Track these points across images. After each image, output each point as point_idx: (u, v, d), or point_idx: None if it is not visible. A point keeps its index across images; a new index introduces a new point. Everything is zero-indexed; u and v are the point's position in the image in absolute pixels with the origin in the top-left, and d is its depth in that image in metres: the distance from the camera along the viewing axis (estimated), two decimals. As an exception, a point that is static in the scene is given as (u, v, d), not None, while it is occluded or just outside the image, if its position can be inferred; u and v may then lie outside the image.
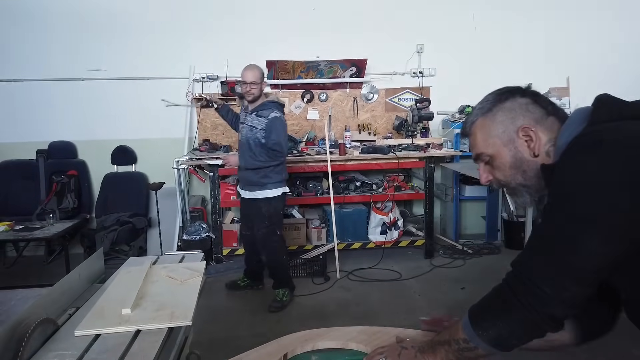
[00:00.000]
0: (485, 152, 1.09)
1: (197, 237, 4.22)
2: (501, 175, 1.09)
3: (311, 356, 1.20)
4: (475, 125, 1.10)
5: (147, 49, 4.74)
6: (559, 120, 1.05)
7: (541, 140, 1.03)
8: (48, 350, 1.26)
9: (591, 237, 0.85)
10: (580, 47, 5.09)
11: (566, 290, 0.88)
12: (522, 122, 1.04)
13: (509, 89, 1.10)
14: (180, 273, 1.76)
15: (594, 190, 0.86)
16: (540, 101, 1.07)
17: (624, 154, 0.86)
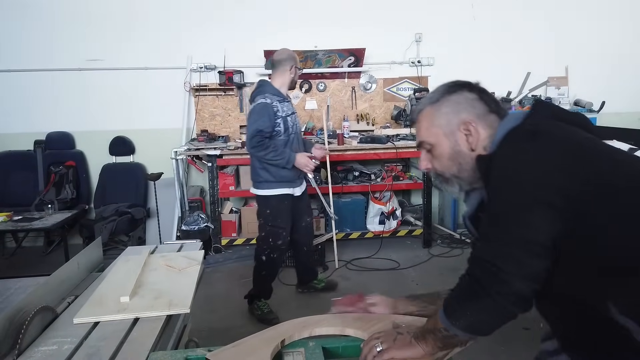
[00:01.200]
0: (427, 140, 1.13)
1: (196, 227, 4.22)
2: (438, 165, 1.14)
3: (308, 342, 1.21)
4: (422, 113, 1.15)
5: (145, 38, 4.70)
6: (500, 119, 1.10)
7: (480, 136, 1.08)
8: (47, 337, 1.27)
9: (535, 214, 0.91)
10: (579, 36, 5.07)
11: (525, 265, 0.90)
12: (465, 116, 1.09)
13: (459, 83, 1.14)
14: (179, 262, 1.77)
15: (533, 173, 0.93)
16: (486, 98, 1.12)
17: (558, 144, 0.95)
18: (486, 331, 0.99)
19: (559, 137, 0.97)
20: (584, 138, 1.00)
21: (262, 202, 3.21)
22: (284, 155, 3.06)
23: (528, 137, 0.97)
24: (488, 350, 2.56)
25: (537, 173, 0.92)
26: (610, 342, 0.93)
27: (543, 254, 0.91)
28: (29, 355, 1.17)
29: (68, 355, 1.17)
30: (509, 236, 0.93)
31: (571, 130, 1.01)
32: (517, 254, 0.91)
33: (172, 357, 1.14)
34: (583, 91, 5.05)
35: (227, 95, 4.84)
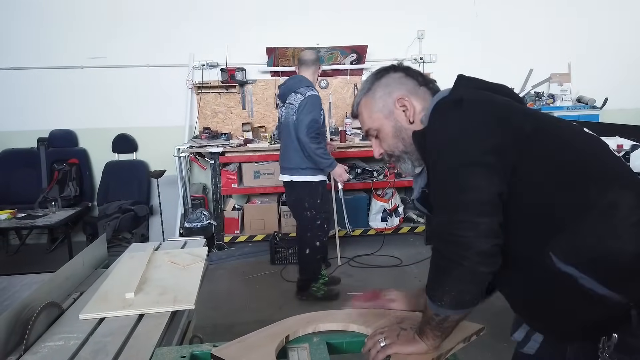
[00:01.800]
0: (372, 127, 1.20)
1: (199, 224, 4.24)
2: (386, 146, 1.20)
3: (313, 337, 1.21)
4: (360, 104, 1.22)
5: (147, 36, 4.71)
6: (430, 90, 1.18)
7: (416, 109, 1.15)
8: (53, 333, 1.28)
9: (475, 176, 0.94)
10: (582, 32, 5.06)
11: (478, 225, 0.92)
12: (397, 94, 1.16)
13: (384, 68, 1.21)
14: (183, 258, 1.78)
15: (463, 137, 0.97)
16: (412, 73, 1.19)
17: (482, 108, 1.02)
18: (471, 301, 0.99)
19: (481, 101, 1.03)
20: (506, 101, 1.06)
21: (309, 190, 3.25)
22: (330, 158, 3.22)
23: (453, 106, 1.02)
24: (490, 347, 2.57)
25: (467, 137, 0.97)
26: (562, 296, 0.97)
27: (491, 211, 0.93)
28: (35, 351, 1.18)
29: (74, 350, 1.18)
30: (455, 202, 0.95)
31: (493, 96, 1.07)
32: (467, 218, 0.93)
33: (178, 352, 1.15)
34: (586, 88, 5.04)
35: (230, 93, 4.84)
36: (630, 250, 0.90)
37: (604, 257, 0.91)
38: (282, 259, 4.06)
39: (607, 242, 0.90)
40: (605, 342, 0.97)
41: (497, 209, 0.94)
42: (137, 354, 1.15)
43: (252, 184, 4.44)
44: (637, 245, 0.90)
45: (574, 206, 0.94)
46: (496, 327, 1.41)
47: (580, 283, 0.92)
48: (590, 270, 0.91)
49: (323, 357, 1.12)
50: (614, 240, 0.90)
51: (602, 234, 0.91)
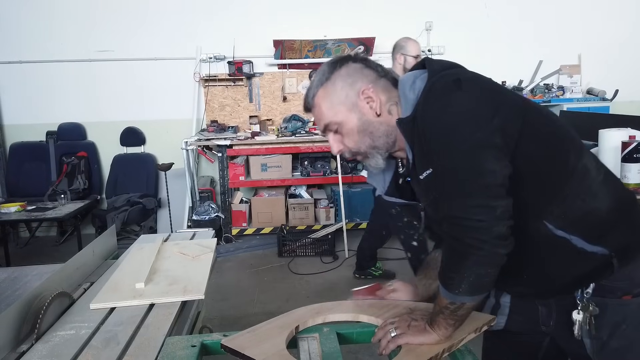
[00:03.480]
0: (334, 120, 1.09)
1: (207, 217, 4.25)
2: (351, 142, 1.10)
3: (323, 328, 1.21)
4: (317, 96, 1.10)
5: (155, 29, 4.71)
6: (390, 81, 1.10)
7: (381, 100, 1.07)
8: (64, 322, 1.29)
9: (487, 159, 0.93)
10: (592, 24, 4.99)
11: (495, 209, 0.92)
12: (361, 85, 1.07)
13: (341, 57, 1.12)
14: (192, 249, 1.78)
15: (471, 120, 0.94)
16: (371, 64, 1.11)
17: (480, 85, 1.00)
18: (488, 285, 1.00)
19: (476, 79, 1.01)
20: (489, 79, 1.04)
21: None
22: None
23: (453, 87, 0.97)
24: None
25: (474, 118, 0.94)
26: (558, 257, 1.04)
27: (504, 192, 0.94)
28: (47, 340, 1.19)
29: (86, 339, 1.19)
30: (469, 187, 0.93)
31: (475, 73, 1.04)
32: (483, 202, 0.92)
33: (188, 341, 1.15)
34: (596, 79, 4.98)
35: (237, 86, 4.84)
36: (605, 205, 1.01)
37: (586, 215, 1.00)
38: (289, 252, 4.06)
39: (587, 202, 1.00)
40: (583, 291, 1.05)
41: (508, 189, 0.94)
42: (148, 343, 1.16)
43: (259, 177, 4.44)
44: (608, 200, 1.01)
45: (559, 174, 1.00)
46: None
47: (574, 244, 1.00)
48: (577, 230, 1.00)
49: (333, 347, 1.12)
50: (591, 198, 1.00)
51: (583, 195, 1.00)
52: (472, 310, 1.06)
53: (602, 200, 1.01)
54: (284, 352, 1.08)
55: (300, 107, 4.88)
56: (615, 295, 1.05)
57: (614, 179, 1.09)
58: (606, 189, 1.02)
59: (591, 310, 1.04)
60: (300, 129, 4.51)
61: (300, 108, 4.88)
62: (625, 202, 1.06)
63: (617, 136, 2.37)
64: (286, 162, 4.44)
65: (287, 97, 4.90)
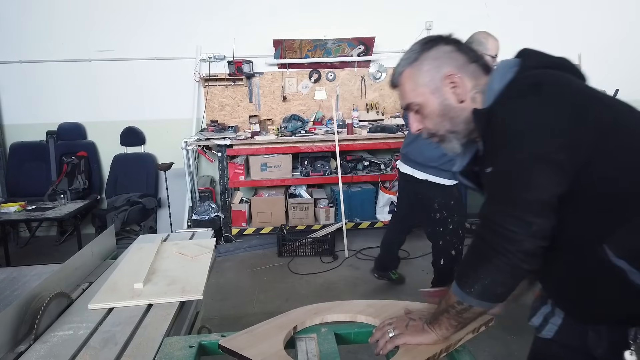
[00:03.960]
0: (415, 101, 1.10)
1: (207, 217, 4.25)
2: (430, 124, 1.11)
3: (320, 328, 1.21)
4: (403, 75, 1.11)
5: (154, 29, 4.71)
6: (480, 68, 1.09)
7: (466, 87, 1.06)
8: (63, 322, 1.29)
9: (541, 174, 0.90)
10: (592, 24, 4.98)
11: (533, 225, 0.90)
12: (448, 69, 1.06)
13: (433, 38, 1.11)
14: (191, 249, 1.78)
15: (537, 130, 0.91)
16: (463, 49, 1.10)
17: (561, 96, 0.94)
18: (501, 294, 0.97)
19: (560, 87, 0.96)
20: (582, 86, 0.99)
21: (444, 193, 2.84)
22: None
23: (530, 92, 0.95)
24: (499, 339, 2.56)
25: (541, 129, 0.91)
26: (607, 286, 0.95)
27: (548, 213, 0.91)
28: (45, 340, 1.19)
29: (84, 339, 1.19)
30: (514, 197, 0.92)
31: (570, 80, 0.99)
32: (523, 215, 0.90)
33: (186, 342, 1.15)
34: (596, 79, 4.90)
35: (237, 85, 4.84)
36: None
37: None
38: (289, 252, 4.07)
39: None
40: (637, 331, 0.96)
41: (553, 211, 0.91)
42: (146, 343, 1.16)
43: (259, 177, 4.44)
44: None
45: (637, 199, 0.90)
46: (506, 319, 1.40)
47: (630, 278, 0.90)
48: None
49: (331, 347, 1.12)
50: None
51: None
52: (477, 316, 1.04)
53: None
54: (281, 353, 1.08)
55: (299, 106, 4.89)
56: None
57: None
58: None
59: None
60: (300, 129, 4.51)
61: (300, 108, 4.89)
62: None
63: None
64: (286, 161, 4.44)
65: (287, 97, 4.90)
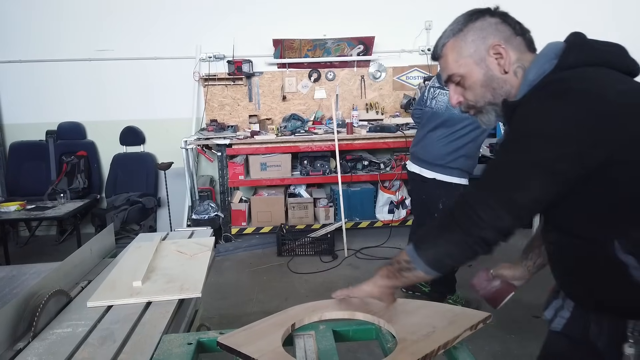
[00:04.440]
0: (458, 72, 1.09)
1: (206, 216, 4.25)
2: (471, 95, 1.10)
3: (319, 325, 1.21)
4: (447, 47, 1.11)
5: (154, 28, 4.71)
6: (525, 42, 1.08)
7: (511, 58, 1.06)
8: (61, 320, 1.29)
9: (536, 180, 0.91)
10: (593, 24, 4.98)
11: (500, 220, 0.93)
12: (493, 40, 1.06)
13: (479, 10, 1.10)
14: (190, 248, 1.78)
15: (549, 138, 0.90)
16: (509, 20, 1.09)
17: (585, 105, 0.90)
18: (445, 266, 1.02)
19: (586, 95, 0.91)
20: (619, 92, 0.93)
21: (449, 192, 2.79)
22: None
23: (555, 95, 0.93)
24: (497, 337, 2.56)
25: (550, 138, 0.90)
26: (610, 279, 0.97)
27: (522, 215, 0.94)
28: (44, 338, 1.19)
29: (82, 337, 1.19)
30: (498, 190, 0.95)
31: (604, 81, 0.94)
32: (498, 209, 0.93)
33: (185, 339, 1.15)
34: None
35: (236, 85, 4.84)
36: None
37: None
38: (289, 251, 4.07)
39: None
40: (636, 324, 0.98)
41: (529, 216, 0.95)
42: (145, 340, 1.16)
43: (259, 176, 4.44)
44: None
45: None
46: (505, 318, 1.40)
47: (631, 273, 0.93)
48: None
49: (329, 344, 1.13)
50: None
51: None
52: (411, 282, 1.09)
53: None
54: (279, 350, 1.08)
55: (299, 106, 4.90)
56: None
57: None
58: None
59: None
60: (300, 128, 4.52)
61: (300, 107, 4.90)
62: None
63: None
64: (285, 161, 4.44)
65: (287, 97, 4.90)
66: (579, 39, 1.03)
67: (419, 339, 1.09)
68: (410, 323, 1.17)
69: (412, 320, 1.18)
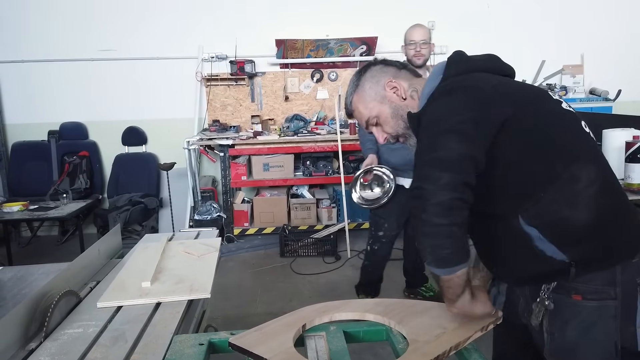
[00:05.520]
0: (371, 115, 1.28)
1: (209, 217, 4.25)
2: (389, 128, 1.28)
3: (329, 326, 1.22)
4: (354, 102, 1.30)
5: (156, 28, 4.71)
6: (410, 72, 1.31)
7: (404, 87, 1.26)
8: (72, 321, 1.29)
9: (448, 139, 1.02)
10: (595, 24, 4.99)
11: (440, 178, 0.99)
12: (384, 79, 1.27)
13: (363, 65, 1.34)
14: (197, 248, 1.79)
15: (448, 114, 1.06)
16: (390, 62, 1.32)
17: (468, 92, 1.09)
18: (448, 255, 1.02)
19: (469, 87, 1.10)
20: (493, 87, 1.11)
21: None
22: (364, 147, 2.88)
23: (444, 94, 1.11)
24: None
25: (449, 112, 1.06)
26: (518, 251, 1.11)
27: (457, 168, 1.00)
28: (55, 338, 1.19)
29: (94, 337, 1.19)
30: (425, 161, 1.04)
31: (480, 81, 1.13)
32: (431, 172, 1.01)
33: (196, 339, 1.15)
34: (599, 79, 4.98)
35: (239, 85, 4.84)
36: (582, 218, 1.04)
37: (561, 222, 1.05)
38: (291, 252, 4.07)
39: (564, 210, 1.05)
40: (546, 286, 1.13)
41: (464, 168, 1.01)
42: (156, 341, 1.16)
43: (261, 177, 4.44)
44: (588, 215, 1.04)
45: (542, 178, 1.06)
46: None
47: (534, 244, 1.07)
48: (548, 233, 1.06)
49: (340, 345, 1.13)
50: (568, 207, 1.05)
51: (562, 202, 1.05)
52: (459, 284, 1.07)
53: (580, 211, 1.04)
54: (291, 350, 1.09)
55: (301, 106, 4.90)
56: (569, 294, 1.10)
57: (614, 195, 1.11)
58: (592, 203, 1.05)
59: (546, 304, 1.12)
60: (302, 129, 4.52)
61: (302, 107, 4.90)
62: (609, 219, 1.07)
63: (621, 136, 2.38)
64: (288, 161, 4.44)
65: (289, 97, 4.90)
66: (457, 55, 1.22)
67: (430, 340, 1.10)
68: (421, 324, 1.17)
69: (422, 321, 1.19)
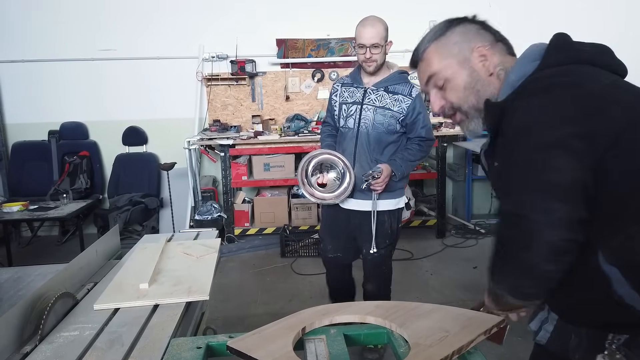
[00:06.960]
0: (441, 74, 1.07)
1: (209, 217, 4.24)
2: (454, 97, 1.07)
3: (330, 329, 1.20)
4: (428, 50, 1.09)
5: (157, 28, 4.69)
6: (505, 47, 1.09)
7: (494, 61, 1.05)
8: (68, 323, 1.28)
9: (557, 157, 0.83)
10: (596, 24, 4.96)
11: (552, 211, 0.81)
12: (477, 43, 1.06)
13: (457, 17, 1.11)
14: (196, 249, 1.77)
15: (546, 122, 0.87)
16: (489, 28, 1.10)
17: (570, 93, 0.89)
18: (531, 295, 0.91)
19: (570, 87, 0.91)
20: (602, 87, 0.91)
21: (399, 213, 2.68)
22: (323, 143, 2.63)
23: (540, 90, 0.92)
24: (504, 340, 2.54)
25: (551, 121, 0.86)
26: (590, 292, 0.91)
27: (570, 198, 0.82)
28: (51, 341, 1.18)
29: (90, 340, 1.17)
30: (529, 182, 0.85)
31: (588, 76, 0.93)
32: (540, 199, 0.82)
33: (194, 343, 1.13)
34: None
35: (239, 85, 4.82)
36: None
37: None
38: (292, 252, 4.05)
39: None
40: (614, 337, 0.93)
41: (578, 199, 0.82)
42: (153, 344, 1.14)
43: (262, 177, 4.42)
44: None
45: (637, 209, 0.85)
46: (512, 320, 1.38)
47: (612, 287, 0.86)
48: (631, 275, 0.85)
49: (341, 348, 1.11)
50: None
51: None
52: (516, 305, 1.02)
53: None
54: (290, 354, 1.07)
55: (302, 106, 4.87)
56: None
57: None
58: None
59: (618, 358, 0.92)
60: (303, 129, 4.49)
61: (303, 107, 4.87)
62: None
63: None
64: (289, 161, 4.42)
65: (290, 97, 4.88)
66: (561, 39, 1.03)
67: (432, 344, 1.08)
68: (423, 327, 1.15)
69: (424, 325, 1.17)
